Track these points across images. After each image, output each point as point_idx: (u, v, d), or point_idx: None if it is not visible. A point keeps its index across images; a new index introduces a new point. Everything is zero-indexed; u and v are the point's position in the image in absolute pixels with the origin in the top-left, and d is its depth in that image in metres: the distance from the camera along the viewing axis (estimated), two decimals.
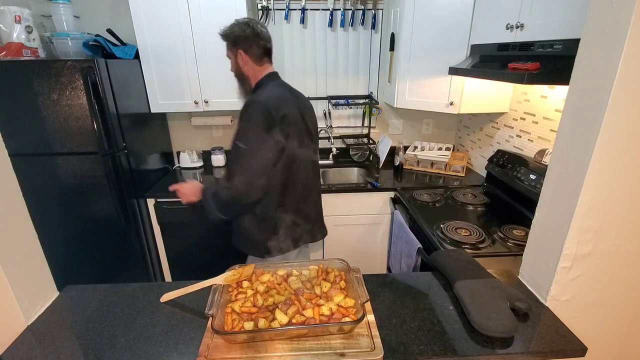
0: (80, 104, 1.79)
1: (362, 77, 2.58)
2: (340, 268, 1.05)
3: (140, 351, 0.86)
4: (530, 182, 1.68)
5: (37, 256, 1.03)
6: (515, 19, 1.48)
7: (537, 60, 1.30)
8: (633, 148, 0.84)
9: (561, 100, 1.62)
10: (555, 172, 0.96)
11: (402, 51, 2.12)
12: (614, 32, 0.77)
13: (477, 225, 1.61)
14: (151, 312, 0.99)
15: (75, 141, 1.86)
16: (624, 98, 0.78)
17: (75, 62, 1.73)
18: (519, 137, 1.96)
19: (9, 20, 1.76)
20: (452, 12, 1.90)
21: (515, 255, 1.39)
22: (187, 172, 2.50)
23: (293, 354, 0.82)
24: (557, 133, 0.95)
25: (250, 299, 0.93)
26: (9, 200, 0.94)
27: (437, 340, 0.88)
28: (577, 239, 0.92)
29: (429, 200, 1.95)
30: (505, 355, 0.85)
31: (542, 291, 1.02)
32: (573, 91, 0.90)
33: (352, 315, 0.88)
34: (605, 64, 0.79)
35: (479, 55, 1.82)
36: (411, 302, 1.02)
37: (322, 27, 2.41)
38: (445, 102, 2.06)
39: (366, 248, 2.35)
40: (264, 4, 2.30)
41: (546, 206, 1.01)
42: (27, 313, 0.96)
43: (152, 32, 2.05)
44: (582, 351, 0.86)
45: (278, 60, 2.48)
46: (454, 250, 1.25)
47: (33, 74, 1.73)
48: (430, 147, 2.57)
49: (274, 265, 1.08)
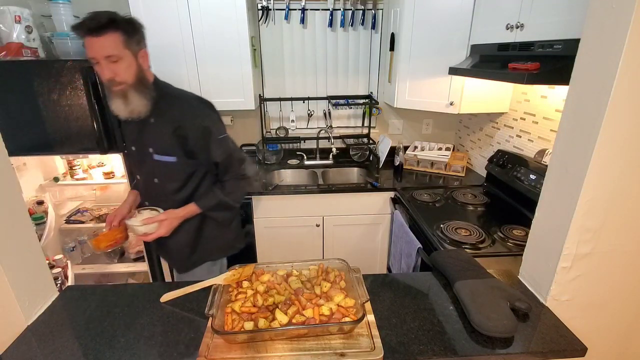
0: (80, 104, 1.79)
1: (362, 77, 2.58)
2: (340, 268, 1.05)
3: (140, 351, 0.86)
4: (530, 182, 1.68)
5: (37, 256, 1.03)
6: (515, 19, 1.48)
7: (537, 60, 1.30)
8: (633, 148, 0.84)
9: (561, 100, 1.62)
10: (555, 172, 0.96)
11: (402, 51, 2.11)
12: (614, 32, 0.77)
13: (477, 225, 1.61)
14: (151, 312, 0.99)
15: (75, 141, 1.86)
16: (624, 98, 0.78)
17: (75, 62, 1.73)
18: (519, 137, 1.96)
19: (9, 20, 1.76)
20: (452, 12, 1.90)
21: (515, 255, 1.39)
22: None
23: (293, 354, 0.82)
24: (557, 133, 0.95)
25: (250, 299, 0.93)
26: (9, 200, 0.94)
27: (437, 340, 0.88)
28: (577, 239, 0.92)
29: (429, 200, 1.95)
30: (505, 355, 0.85)
31: (542, 291, 1.02)
32: (573, 91, 0.90)
33: (352, 315, 0.88)
34: (605, 64, 0.79)
35: (479, 55, 1.82)
36: (411, 302, 1.02)
37: (322, 27, 2.40)
38: (445, 102, 2.06)
39: (366, 248, 2.35)
40: (264, 4, 2.30)
41: (546, 206, 1.01)
42: (27, 313, 0.96)
43: (152, 32, 2.02)
44: (582, 351, 0.86)
45: (278, 60, 2.48)
46: (454, 250, 1.25)
47: (33, 74, 1.73)
48: (430, 147, 2.57)
49: (273, 265, 1.08)
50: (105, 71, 1.15)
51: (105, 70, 1.14)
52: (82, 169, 2.27)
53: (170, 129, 1.25)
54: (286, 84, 2.54)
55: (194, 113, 1.28)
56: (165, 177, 1.34)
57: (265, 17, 2.34)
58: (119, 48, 1.14)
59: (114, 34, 1.12)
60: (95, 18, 1.10)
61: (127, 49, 1.16)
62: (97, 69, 1.17)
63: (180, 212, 1.33)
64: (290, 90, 2.55)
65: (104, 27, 1.10)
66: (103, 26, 1.10)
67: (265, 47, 2.44)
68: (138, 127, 1.30)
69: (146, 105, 1.24)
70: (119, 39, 1.13)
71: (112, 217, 1.35)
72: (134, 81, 1.20)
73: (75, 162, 2.24)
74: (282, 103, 2.53)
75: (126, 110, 1.21)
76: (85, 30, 1.10)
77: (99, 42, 1.11)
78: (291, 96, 2.52)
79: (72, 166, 2.23)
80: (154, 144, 1.29)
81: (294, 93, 2.55)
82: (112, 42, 1.12)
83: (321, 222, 2.25)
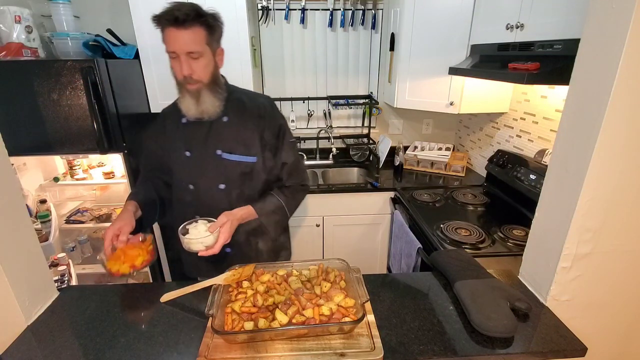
0: (80, 104, 1.79)
1: (362, 77, 2.58)
2: (340, 268, 1.05)
3: (140, 351, 0.86)
4: (530, 182, 1.68)
5: (37, 256, 1.03)
6: (515, 19, 1.48)
7: (537, 60, 1.30)
8: (633, 148, 0.84)
9: (561, 100, 1.62)
10: (555, 172, 0.96)
11: (402, 51, 2.11)
12: (614, 32, 0.77)
13: (477, 225, 1.61)
14: (151, 312, 0.99)
15: (75, 141, 1.86)
16: (624, 98, 0.78)
17: (75, 62, 1.73)
18: (519, 137, 1.96)
19: (9, 20, 1.76)
20: (452, 12, 1.90)
21: (515, 255, 1.39)
22: None
23: (293, 354, 0.82)
24: (557, 133, 0.95)
25: (250, 299, 0.93)
26: (9, 200, 0.94)
27: (437, 340, 0.88)
28: (577, 239, 0.92)
29: (429, 200, 1.95)
30: (505, 355, 0.85)
31: (542, 291, 1.02)
32: (573, 91, 0.90)
33: (352, 315, 0.88)
34: (605, 64, 0.79)
35: (479, 55, 1.82)
36: (411, 302, 1.02)
37: (322, 27, 2.40)
38: (445, 102, 2.06)
39: (366, 248, 2.35)
40: (264, 4, 2.30)
41: (546, 206, 1.01)
42: (27, 313, 0.96)
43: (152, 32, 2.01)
44: (582, 351, 0.86)
45: (278, 60, 2.48)
46: (454, 250, 1.25)
47: (33, 74, 1.73)
48: (430, 147, 2.57)
49: (273, 265, 1.07)
50: (184, 67, 1.06)
51: (184, 67, 1.06)
52: (82, 169, 2.27)
53: (251, 127, 1.19)
54: (286, 84, 2.54)
55: (272, 112, 1.24)
56: (235, 181, 1.22)
57: (265, 17, 2.34)
58: (202, 44, 1.06)
59: (200, 28, 1.04)
60: (182, 9, 1.01)
61: (208, 45, 1.08)
62: (174, 64, 1.09)
63: (238, 212, 1.17)
64: (290, 90, 2.55)
65: (192, 20, 1.02)
66: (191, 19, 1.02)
67: (265, 47, 2.44)
68: (204, 128, 1.20)
69: (219, 106, 1.16)
70: (203, 34, 1.05)
71: (112, 234, 1.05)
72: (210, 80, 1.12)
73: (75, 162, 2.24)
74: (282, 103, 2.53)
75: (197, 111, 1.14)
76: (170, 21, 1.01)
77: (184, 36, 1.02)
78: (291, 96, 2.52)
79: (72, 166, 2.23)
80: (227, 144, 1.20)
81: (294, 93, 2.55)
82: (197, 37, 1.04)
83: (321, 222, 2.25)
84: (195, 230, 1.08)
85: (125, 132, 1.96)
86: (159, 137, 1.29)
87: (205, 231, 1.07)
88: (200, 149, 1.21)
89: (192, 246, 1.06)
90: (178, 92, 1.16)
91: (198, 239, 1.05)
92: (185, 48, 1.04)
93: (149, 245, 1.09)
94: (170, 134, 1.26)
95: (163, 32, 1.06)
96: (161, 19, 1.03)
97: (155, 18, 1.04)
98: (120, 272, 1.00)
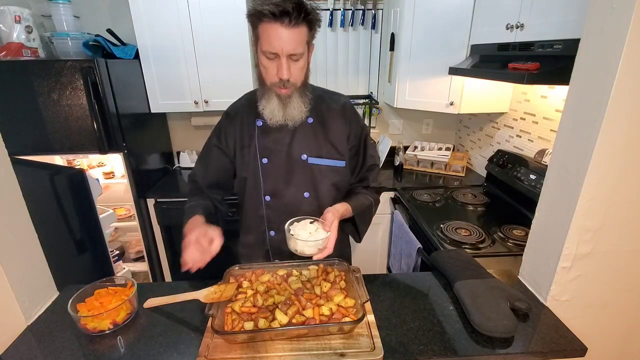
0: (80, 104, 1.79)
1: (362, 77, 2.58)
2: (340, 268, 1.05)
3: (140, 351, 0.86)
4: (530, 182, 1.68)
5: (37, 256, 1.03)
6: (515, 19, 1.48)
7: (537, 60, 1.30)
8: (633, 148, 0.84)
9: (561, 100, 1.62)
10: (555, 172, 0.96)
11: (402, 51, 2.11)
12: (614, 32, 0.77)
13: (477, 225, 1.61)
14: (151, 312, 0.99)
15: (75, 141, 1.86)
16: (624, 98, 0.78)
17: (75, 62, 1.73)
18: (519, 137, 1.96)
19: (9, 20, 1.76)
20: (452, 12, 1.90)
21: (515, 255, 1.39)
22: (187, 172, 2.50)
23: (293, 354, 0.82)
24: (557, 133, 0.95)
25: (250, 299, 0.93)
26: (9, 200, 0.94)
27: (437, 340, 0.88)
28: (577, 239, 0.92)
29: (429, 200, 1.95)
30: (505, 355, 0.85)
31: (542, 291, 1.02)
32: (573, 91, 0.90)
33: (352, 315, 0.88)
34: (605, 64, 0.79)
35: (479, 55, 1.82)
36: (411, 302, 1.02)
37: (322, 27, 2.40)
38: (445, 102, 2.06)
39: (366, 248, 2.35)
40: None
41: (546, 206, 1.01)
42: (27, 313, 0.95)
43: (152, 32, 2.05)
44: (582, 351, 0.86)
45: None
46: (454, 250, 1.25)
47: (33, 74, 1.73)
48: (430, 147, 2.57)
49: (273, 265, 1.07)
50: (284, 71, 0.92)
51: (284, 70, 0.92)
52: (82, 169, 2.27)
53: (336, 129, 1.09)
54: None
55: (355, 113, 1.14)
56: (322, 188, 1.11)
57: None
58: (304, 44, 0.92)
59: (305, 27, 0.90)
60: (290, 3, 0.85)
61: (307, 44, 0.94)
62: (268, 65, 0.94)
63: (340, 208, 1.05)
64: None
65: (301, 18, 0.87)
66: (300, 17, 0.87)
67: None
68: (286, 131, 1.08)
69: (304, 112, 1.04)
70: (306, 33, 0.91)
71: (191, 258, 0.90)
72: (302, 83, 1.00)
73: (75, 162, 2.24)
74: None
75: (283, 116, 1.02)
76: (277, 16, 0.85)
77: (290, 35, 0.88)
78: None
79: (72, 166, 2.23)
80: (313, 148, 1.09)
81: None
82: (302, 37, 0.90)
83: None
84: (304, 231, 0.98)
85: (125, 132, 1.96)
86: (229, 144, 1.14)
87: (316, 231, 0.98)
88: (281, 155, 1.09)
89: (307, 250, 0.97)
90: (261, 94, 1.03)
91: (316, 241, 0.96)
92: (289, 49, 0.90)
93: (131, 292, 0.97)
94: (242, 138, 1.12)
95: (259, 28, 0.90)
96: (265, 14, 0.86)
97: (255, 12, 0.88)
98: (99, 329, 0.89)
